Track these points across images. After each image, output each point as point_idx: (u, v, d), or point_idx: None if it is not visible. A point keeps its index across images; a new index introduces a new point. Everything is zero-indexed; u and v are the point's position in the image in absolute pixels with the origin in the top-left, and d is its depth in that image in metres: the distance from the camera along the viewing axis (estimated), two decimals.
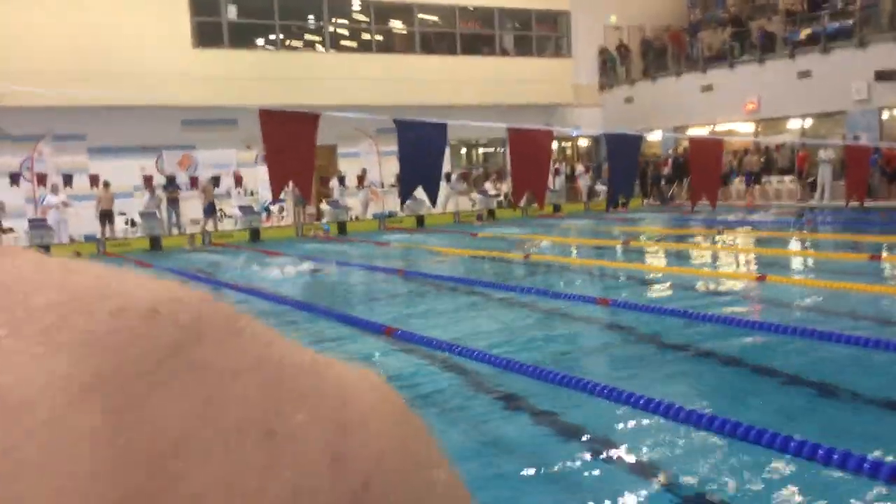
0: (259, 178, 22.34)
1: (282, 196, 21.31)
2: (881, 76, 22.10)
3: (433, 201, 6.84)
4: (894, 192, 20.68)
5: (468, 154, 30.49)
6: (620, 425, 4.72)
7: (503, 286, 9.91)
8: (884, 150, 20.59)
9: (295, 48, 25.03)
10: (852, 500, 3.56)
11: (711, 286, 9.47)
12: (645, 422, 4.69)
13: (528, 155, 6.43)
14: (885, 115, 23.02)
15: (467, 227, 21.27)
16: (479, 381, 5.92)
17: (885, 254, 11.05)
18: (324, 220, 22.08)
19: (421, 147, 6.29)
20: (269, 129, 6.08)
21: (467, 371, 6.13)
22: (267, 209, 22.60)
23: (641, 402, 4.85)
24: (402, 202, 9.60)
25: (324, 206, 23.00)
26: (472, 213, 24.27)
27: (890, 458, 3.82)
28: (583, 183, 26.93)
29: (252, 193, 23.03)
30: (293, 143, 5.92)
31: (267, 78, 21.88)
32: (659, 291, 9.35)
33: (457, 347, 6.53)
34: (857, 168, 13.27)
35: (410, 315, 8.23)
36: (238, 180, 22.43)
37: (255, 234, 20.94)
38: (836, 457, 3.79)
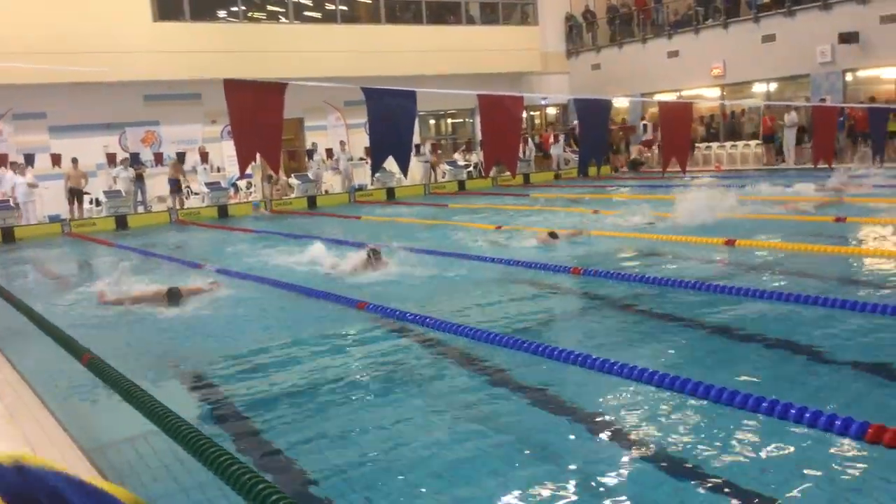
0: (225, 153, 22.02)
1: (249, 171, 21.06)
2: (845, 38, 22.25)
3: (404, 171, 6.77)
4: (858, 154, 20.87)
5: (437, 125, 30.32)
6: (599, 393, 4.73)
7: (475, 257, 9.88)
8: (849, 112, 20.77)
9: (258, 20, 24.57)
10: (819, 458, 3.60)
11: (682, 251, 9.51)
12: (624, 388, 4.71)
13: (498, 122, 6.37)
14: (849, 78, 23.22)
15: (439, 199, 21.18)
16: (453, 352, 5.90)
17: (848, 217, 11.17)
18: (254, 198, 21.77)
19: (391, 116, 6.20)
20: (235, 100, 5.95)
21: (442, 343, 6.10)
22: (234, 185, 22.30)
23: (616, 367, 4.87)
24: (373, 173, 9.49)
25: (292, 180, 22.75)
26: (442, 184, 24.17)
27: (859, 416, 3.87)
28: (555, 152, 26.91)
29: (219, 169, 22.70)
30: (259, 114, 5.81)
31: (230, 51, 21.48)
32: (630, 260, 9.37)
33: (430, 320, 6.50)
34: (824, 131, 13.38)
35: (381, 289, 8.17)
36: (204, 156, 22.08)
37: (222, 211, 20.68)
38: (807, 415, 3.84)
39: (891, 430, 3.54)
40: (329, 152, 23.98)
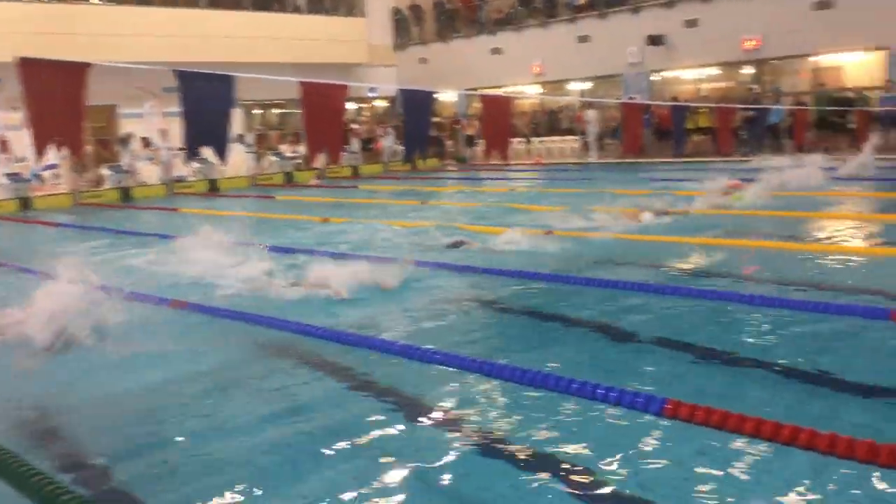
0: (28, 142, 20.31)
1: (55, 160, 19.56)
2: (652, 41, 23.81)
3: (222, 159, 6.50)
4: (664, 149, 22.43)
5: (263, 115, 29.57)
6: (422, 383, 4.76)
7: (301, 250, 9.68)
8: (654, 110, 22.26)
9: (66, 0, 22.85)
10: (630, 435, 3.81)
11: (506, 241, 9.76)
12: (444, 376, 4.76)
13: (322, 111, 6.25)
14: (656, 78, 24.88)
15: (265, 191, 20.64)
16: (273, 346, 5.74)
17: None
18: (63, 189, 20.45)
19: (207, 102, 5.93)
20: (31, 80, 5.47)
21: (266, 337, 5.93)
22: (38, 175, 20.61)
23: (438, 357, 4.93)
24: (187, 159, 9.06)
25: (104, 170, 21.36)
26: (269, 176, 23.55)
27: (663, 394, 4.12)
28: (385, 144, 26.95)
29: (23, 160, 20.89)
30: (59, 96, 5.37)
31: (36, 33, 19.83)
32: (456, 249, 9.50)
33: (249, 315, 6.30)
34: (632, 126, 14.27)
35: (201, 284, 7.82)
36: (4, 145, 20.24)
37: (24, 204, 19.07)
38: (613, 395, 4.05)
39: (686, 405, 3.80)
40: (145, 141, 22.71)
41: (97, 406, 4.73)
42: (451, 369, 4.79)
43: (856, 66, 21.34)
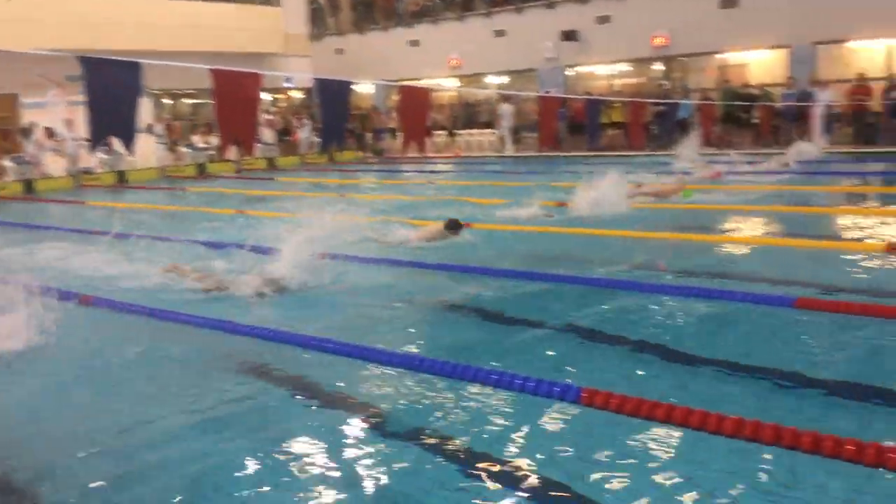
0: None
1: None
2: (566, 36, 24.18)
3: (130, 149, 6.27)
4: (579, 143, 22.84)
5: (173, 105, 28.74)
6: (341, 377, 4.71)
7: (214, 244, 9.45)
8: (569, 105, 22.61)
9: None
10: (547, 423, 3.86)
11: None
12: (358, 369, 4.72)
13: (234, 100, 6.09)
14: (570, 73, 25.28)
15: (177, 183, 20.06)
16: (192, 342, 5.59)
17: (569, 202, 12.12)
18: None
19: (113, 90, 5.70)
20: None
21: (182, 332, 5.76)
22: None
23: (347, 349, 4.89)
24: (92, 149, 8.71)
25: (6, 162, 20.36)
26: (181, 168, 22.90)
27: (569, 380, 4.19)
28: (302, 136, 26.57)
29: None
30: None
31: None
32: (373, 242, 9.44)
33: (158, 311, 6.11)
34: (548, 120, 14.46)
35: (109, 278, 7.55)
36: None
37: None
38: (530, 384, 4.10)
39: (601, 393, 3.88)
40: (49, 131, 21.75)
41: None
42: (368, 363, 4.75)
43: (759, 64, 22.17)
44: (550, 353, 4.99)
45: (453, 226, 8.45)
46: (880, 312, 5.25)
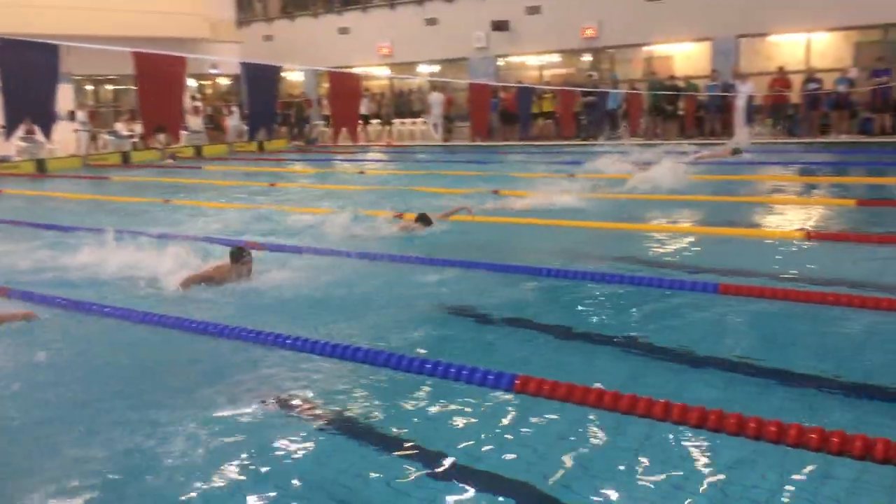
0: None
1: None
2: (496, 26, 24.28)
3: (47, 135, 6.02)
4: (511, 132, 23.01)
5: (96, 91, 27.82)
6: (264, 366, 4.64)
7: (140, 233, 9.18)
8: (501, 94, 22.74)
9: None
10: (483, 411, 3.88)
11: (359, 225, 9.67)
12: (295, 361, 4.67)
13: (158, 85, 5.91)
14: (501, 63, 25.41)
15: (99, 172, 19.42)
16: (114, 334, 5.43)
17: (503, 189, 12.22)
18: None
19: (29, 74, 5.46)
20: None
21: (106, 325, 5.59)
22: None
23: (280, 340, 4.83)
24: (7, 136, 8.35)
25: None
26: (104, 156, 22.19)
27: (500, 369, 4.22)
28: (231, 123, 26.03)
29: None
30: None
31: None
32: (301, 231, 9.32)
33: (85, 304, 5.92)
34: (479, 110, 14.51)
35: (27, 271, 7.27)
36: None
37: None
38: (465, 373, 4.12)
39: (534, 380, 3.92)
40: None
41: None
42: (299, 353, 4.69)
43: (684, 56, 22.68)
44: (486, 342, 5.01)
45: (423, 219, 8.56)
46: (797, 297, 5.45)
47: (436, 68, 26.97)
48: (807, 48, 20.65)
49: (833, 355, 4.49)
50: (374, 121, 26.33)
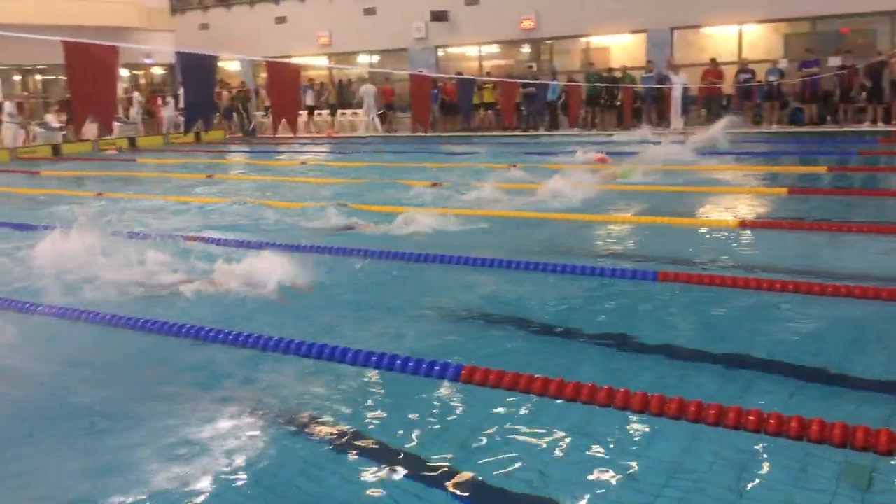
0: None
1: None
2: (436, 17, 24.23)
3: None
4: (452, 123, 23.03)
5: (24, 82, 26.89)
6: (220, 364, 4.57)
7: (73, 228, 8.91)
8: (441, 85, 22.74)
9: None
10: (429, 402, 3.89)
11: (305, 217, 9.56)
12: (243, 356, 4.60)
13: (89, 75, 5.73)
14: (441, 54, 25.38)
15: (28, 165, 18.79)
16: (45, 331, 5.27)
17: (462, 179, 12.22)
18: None
19: None
20: None
21: (37, 324, 5.42)
22: None
23: (221, 335, 4.75)
24: None
25: None
26: (33, 148, 21.47)
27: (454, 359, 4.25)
28: (166, 115, 25.44)
29: None
30: None
31: None
32: (250, 225, 9.18)
33: (16, 302, 5.73)
34: (420, 100, 14.46)
35: None
36: None
37: None
38: (410, 364, 4.12)
39: (480, 370, 3.94)
40: None
41: None
42: (246, 349, 4.62)
43: (621, 48, 23.00)
44: (432, 333, 5.02)
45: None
46: (733, 283, 5.60)
47: (376, 59, 26.80)
48: (739, 40, 21.15)
49: (766, 339, 4.62)
50: (323, 111, 26.00)
